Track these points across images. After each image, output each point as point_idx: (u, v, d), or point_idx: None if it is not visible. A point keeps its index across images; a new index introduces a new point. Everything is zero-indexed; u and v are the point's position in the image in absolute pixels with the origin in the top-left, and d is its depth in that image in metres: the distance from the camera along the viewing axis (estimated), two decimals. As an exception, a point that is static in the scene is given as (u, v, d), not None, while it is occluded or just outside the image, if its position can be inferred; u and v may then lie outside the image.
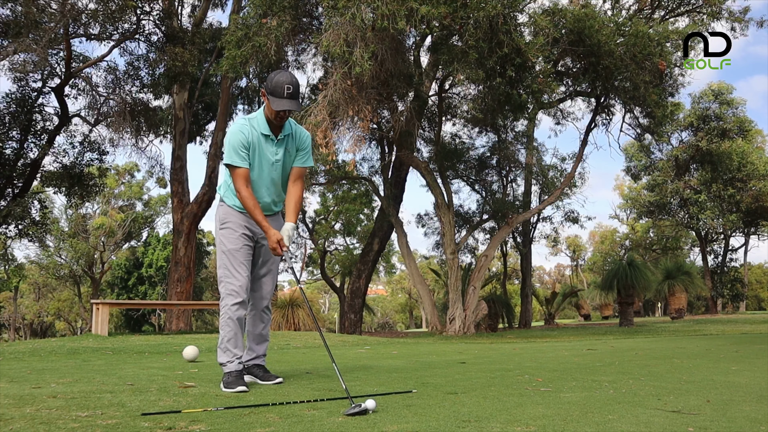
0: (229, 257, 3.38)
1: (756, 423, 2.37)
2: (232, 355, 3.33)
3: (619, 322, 17.64)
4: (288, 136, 3.44)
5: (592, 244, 50.10)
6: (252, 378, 3.55)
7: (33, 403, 2.67)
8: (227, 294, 3.35)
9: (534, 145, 20.38)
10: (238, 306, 3.34)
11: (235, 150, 3.29)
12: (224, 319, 3.35)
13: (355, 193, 23.29)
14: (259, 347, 3.59)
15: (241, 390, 3.14)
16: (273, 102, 3.25)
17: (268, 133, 3.37)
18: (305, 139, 3.53)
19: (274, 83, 3.24)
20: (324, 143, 10.98)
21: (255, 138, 3.34)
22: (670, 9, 15.23)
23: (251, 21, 11.46)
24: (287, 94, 3.23)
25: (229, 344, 3.34)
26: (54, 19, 12.80)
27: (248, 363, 3.57)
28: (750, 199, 28.14)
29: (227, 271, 3.37)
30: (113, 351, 6.36)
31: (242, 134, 3.31)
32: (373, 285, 50.10)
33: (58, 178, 15.75)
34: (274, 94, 3.24)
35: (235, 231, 3.42)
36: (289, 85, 3.23)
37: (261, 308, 3.57)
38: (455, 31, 10.81)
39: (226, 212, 3.48)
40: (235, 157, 3.29)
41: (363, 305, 18.50)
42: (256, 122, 3.37)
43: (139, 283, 32.77)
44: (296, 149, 3.49)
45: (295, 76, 3.33)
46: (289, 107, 3.25)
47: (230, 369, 3.31)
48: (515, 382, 3.55)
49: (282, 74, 3.29)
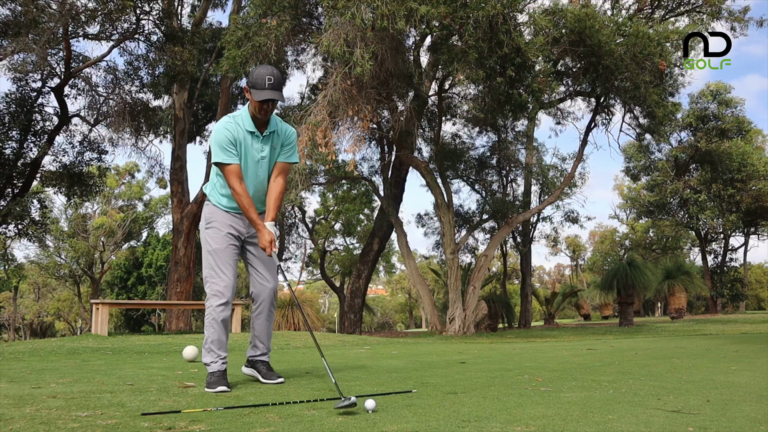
0: (215, 257, 3.37)
1: (756, 423, 2.37)
2: (216, 356, 3.33)
3: (619, 322, 17.64)
4: (273, 133, 3.42)
5: (592, 244, 50.08)
6: (253, 373, 3.55)
7: (33, 403, 2.67)
8: (212, 295, 3.33)
9: (534, 145, 20.40)
10: (223, 307, 3.32)
11: (222, 148, 3.27)
12: (209, 320, 3.34)
13: (355, 193, 23.28)
14: (263, 344, 3.59)
15: (221, 390, 3.14)
16: (255, 94, 3.22)
17: (253, 130, 3.34)
18: (290, 135, 3.50)
19: (255, 76, 3.23)
20: (324, 143, 10.98)
21: (240, 135, 3.32)
22: (670, 9, 15.22)
23: (251, 21, 11.45)
24: (268, 84, 3.21)
25: (213, 345, 3.34)
26: (53, 18, 12.79)
27: (253, 358, 3.58)
28: (750, 199, 28.13)
29: (212, 272, 3.36)
30: (113, 351, 6.36)
31: (227, 131, 3.29)
32: (372, 285, 50.10)
33: (58, 178, 15.75)
34: (255, 87, 3.22)
35: (221, 230, 3.41)
36: (270, 76, 3.21)
37: (264, 305, 3.56)
38: (455, 31, 10.80)
39: (212, 211, 3.46)
40: (223, 155, 3.27)
41: (363, 305, 18.50)
42: (240, 119, 3.35)
43: (138, 283, 32.76)
44: (281, 145, 3.45)
45: (276, 69, 3.30)
46: (271, 97, 3.21)
47: (213, 369, 3.31)
48: (515, 382, 3.55)
49: (262, 67, 3.27)
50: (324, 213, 28.16)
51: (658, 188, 30.31)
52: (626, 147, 29.10)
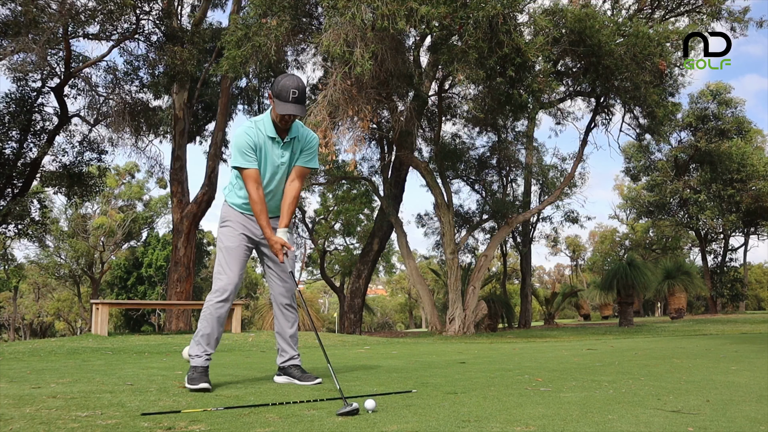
0: (225, 254, 3.40)
1: (756, 423, 2.37)
2: (202, 350, 3.33)
3: (619, 322, 17.64)
4: (294, 139, 3.43)
5: (591, 244, 50.08)
6: (289, 379, 3.55)
7: (33, 403, 2.67)
8: (214, 290, 3.37)
9: (534, 145, 20.38)
10: (222, 303, 3.34)
11: (241, 152, 3.30)
12: (205, 313, 3.36)
13: (355, 193, 23.28)
14: (291, 349, 3.59)
15: (203, 387, 3.13)
16: (278, 106, 3.24)
17: (274, 136, 3.36)
18: (311, 140, 3.51)
19: (280, 86, 3.24)
20: (324, 143, 10.98)
21: (261, 140, 3.35)
22: (670, 9, 15.23)
23: (251, 21, 11.45)
24: (292, 98, 3.23)
25: (203, 339, 3.34)
26: (53, 18, 12.79)
27: (285, 364, 3.58)
28: (750, 199, 28.13)
29: (220, 267, 3.40)
30: (113, 351, 6.36)
31: (248, 136, 3.31)
32: (372, 285, 50.11)
33: (58, 178, 15.75)
34: (279, 98, 3.24)
35: (235, 230, 3.45)
36: (294, 90, 3.23)
37: (281, 306, 3.56)
38: (455, 31, 10.80)
39: (228, 211, 3.51)
40: (242, 160, 3.30)
41: (363, 305, 18.50)
42: (262, 124, 3.37)
43: (138, 283, 32.77)
44: (300, 150, 3.47)
45: (302, 81, 3.31)
46: (294, 112, 3.24)
47: (196, 363, 3.30)
48: (515, 382, 3.55)
49: (289, 78, 3.27)
50: (324, 213, 28.16)
51: (658, 188, 30.32)
52: (626, 147, 29.12)
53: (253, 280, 45.15)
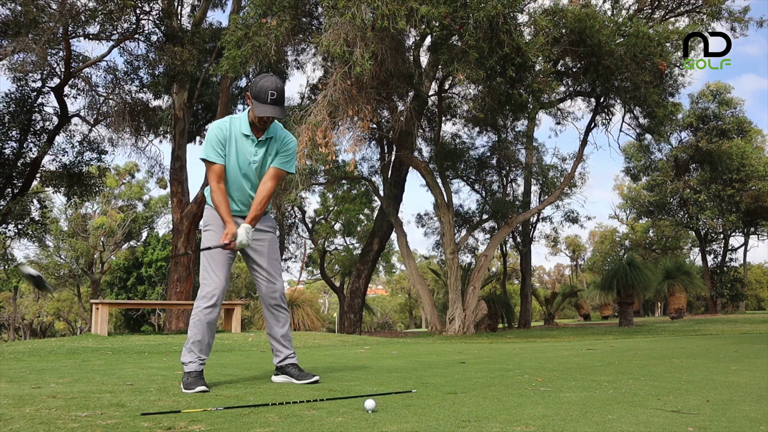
0: (209, 259, 3.38)
1: (756, 423, 2.37)
2: (195, 357, 3.33)
3: (619, 322, 17.64)
4: (270, 139, 3.41)
5: (591, 244, 50.06)
6: (287, 378, 3.54)
7: (33, 403, 2.67)
8: (202, 296, 3.35)
9: (534, 145, 20.37)
10: (210, 309, 3.33)
11: (211, 145, 3.32)
12: (194, 320, 3.35)
13: (355, 193, 23.28)
14: (285, 348, 3.58)
15: (200, 390, 3.12)
16: (256, 107, 3.23)
17: (248, 133, 3.36)
18: (289, 143, 3.48)
19: (258, 88, 3.23)
20: (324, 143, 10.98)
21: (232, 135, 3.34)
22: (670, 9, 15.23)
23: (251, 21, 11.45)
24: (270, 99, 3.22)
25: (194, 346, 3.34)
26: (53, 18, 12.79)
27: (281, 364, 3.58)
28: (749, 199, 28.14)
29: (205, 273, 3.38)
30: (113, 351, 6.36)
31: (220, 130, 3.33)
32: (372, 285, 50.10)
33: (58, 178, 15.74)
34: (257, 99, 3.23)
35: (217, 233, 3.41)
36: (273, 91, 3.21)
37: (270, 306, 3.56)
38: (455, 31, 10.81)
39: (209, 214, 3.48)
40: (210, 153, 3.32)
41: (363, 305, 18.50)
42: (237, 121, 3.38)
43: (138, 283, 32.76)
44: (276, 152, 3.44)
45: (280, 82, 3.28)
46: (272, 114, 3.23)
47: (190, 369, 3.30)
48: (515, 382, 3.55)
49: (267, 79, 3.25)
50: (324, 213, 28.16)
51: (658, 188, 30.32)
52: (626, 147, 29.12)
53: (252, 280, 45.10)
